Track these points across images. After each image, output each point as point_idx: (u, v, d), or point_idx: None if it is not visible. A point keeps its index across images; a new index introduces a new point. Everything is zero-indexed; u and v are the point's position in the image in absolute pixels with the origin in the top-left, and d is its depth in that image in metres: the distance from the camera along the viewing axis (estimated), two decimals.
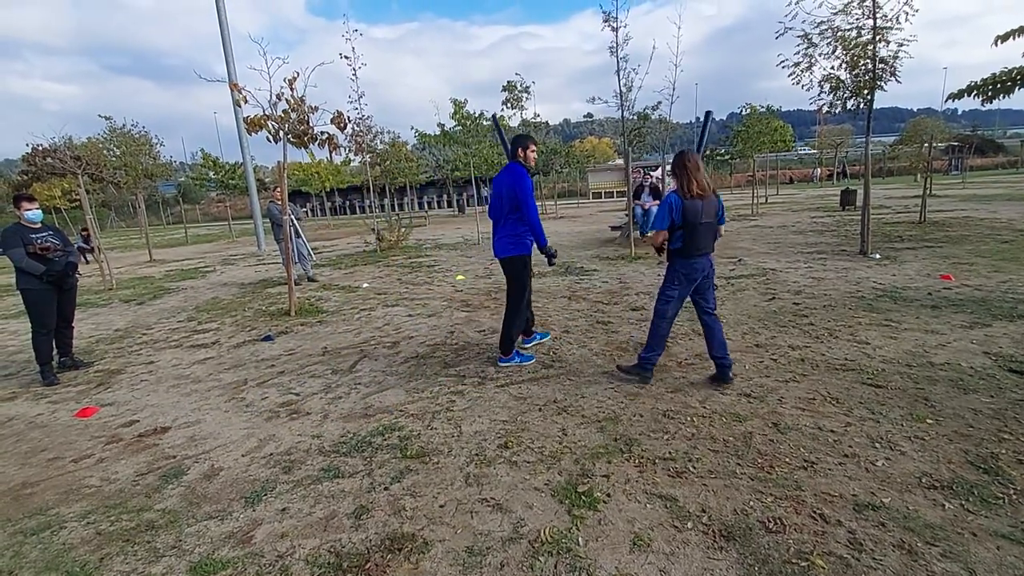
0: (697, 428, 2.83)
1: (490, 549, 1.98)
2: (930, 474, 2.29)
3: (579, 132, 74.77)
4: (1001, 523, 1.96)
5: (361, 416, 3.28)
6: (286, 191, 6.17)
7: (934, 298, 5.16)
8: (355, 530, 2.14)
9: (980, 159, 40.63)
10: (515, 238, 3.91)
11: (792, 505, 2.14)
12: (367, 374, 4.06)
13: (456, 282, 7.94)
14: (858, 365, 3.57)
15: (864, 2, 7.15)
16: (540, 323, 5.21)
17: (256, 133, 5.41)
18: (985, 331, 4.08)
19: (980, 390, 3.07)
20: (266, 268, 11.29)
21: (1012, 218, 11.06)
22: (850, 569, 1.78)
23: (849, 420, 2.82)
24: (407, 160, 23.99)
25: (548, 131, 29.51)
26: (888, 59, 7.28)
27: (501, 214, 3.93)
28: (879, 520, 2.01)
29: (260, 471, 2.69)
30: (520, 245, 3.92)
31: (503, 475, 2.49)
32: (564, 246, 11.79)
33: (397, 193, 33.09)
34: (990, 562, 1.77)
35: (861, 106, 7.77)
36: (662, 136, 12.41)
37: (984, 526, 1.95)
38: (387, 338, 5.04)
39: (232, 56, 13.85)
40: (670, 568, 1.84)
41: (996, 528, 1.93)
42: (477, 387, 3.64)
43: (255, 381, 4.09)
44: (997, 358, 3.52)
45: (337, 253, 13.40)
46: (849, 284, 6.03)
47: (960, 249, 7.82)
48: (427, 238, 15.77)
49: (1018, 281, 5.61)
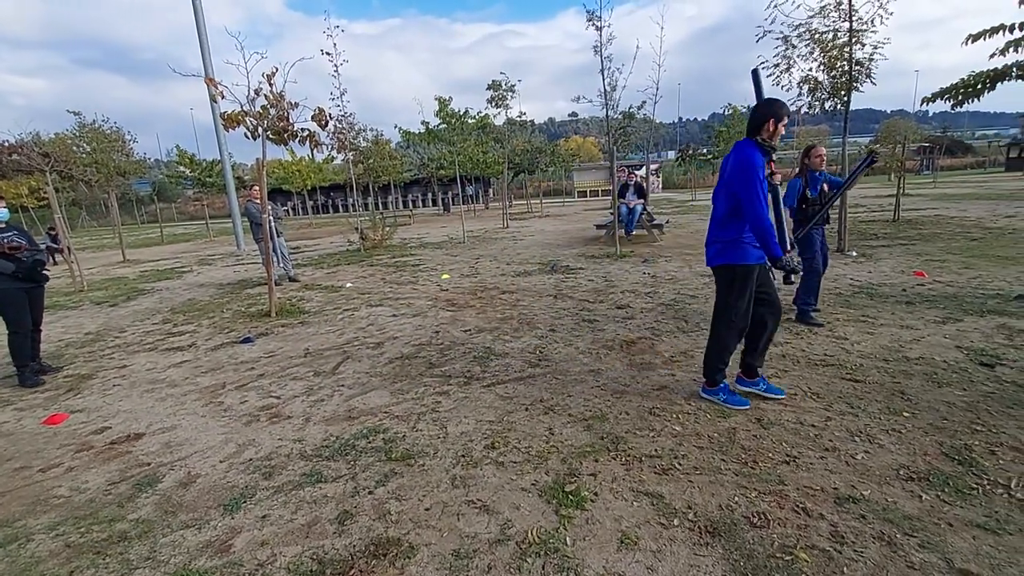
0: (683, 425, 2.85)
1: (477, 552, 1.95)
2: (907, 466, 2.33)
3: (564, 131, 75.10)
4: (976, 513, 2.00)
5: (344, 419, 3.22)
6: (265, 189, 6.04)
7: (908, 294, 5.29)
8: (338, 536, 2.10)
9: (950, 160, 41.95)
10: (728, 243, 2.90)
11: (776, 500, 2.16)
12: (350, 376, 4.00)
13: (441, 281, 7.88)
14: (837, 360, 3.64)
15: (840, 5, 7.31)
16: (526, 321, 5.20)
17: (233, 129, 5.29)
18: (957, 326, 4.20)
19: (953, 383, 3.15)
20: (245, 268, 11.06)
21: (981, 216, 11.42)
22: (832, 562, 1.80)
23: (829, 414, 2.87)
24: (391, 158, 23.77)
25: (533, 130, 29.53)
26: (864, 61, 7.45)
27: (716, 207, 2.99)
28: (860, 513, 2.05)
29: (239, 477, 2.62)
30: (734, 251, 2.90)
31: (490, 476, 2.47)
32: (550, 244, 11.81)
33: (381, 191, 32.79)
34: (966, 551, 1.81)
35: (838, 107, 7.95)
36: (646, 135, 12.51)
37: (960, 516, 1.99)
38: (371, 339, 4.98)
39: (208, 50, 13.53)
40: (657, 566, 1.84)
41: (971, 518, 1.98)
42: (463, 387, 3.61)
43: (234, 384, 3.99)
44: (969, 352, 3.62)
45: (319, 252, 13.19)
46: (827, 281, 6.14)
47: (932, 247, 8.05)
48: (412, 237, 15.64)
49: (987, 277, 5.79)
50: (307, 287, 8.04)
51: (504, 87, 15.37)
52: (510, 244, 12.43)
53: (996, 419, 2.69)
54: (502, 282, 7.52)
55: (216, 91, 5.07)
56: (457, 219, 19.81)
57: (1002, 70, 8.43)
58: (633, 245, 10.36)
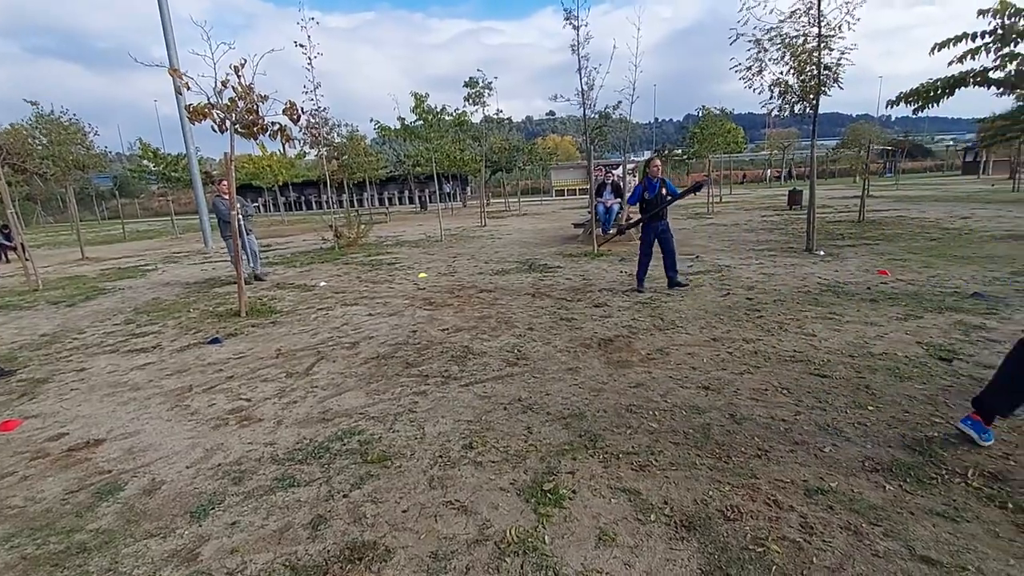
0: (659, 422, 2.89)
1: (455, 553, 1.93)
2: (872, 458, 2.42)
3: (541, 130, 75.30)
4: (935, 502, 2.09)
5: (318, 421, 3.15)
6: (234, 185, 5.86)
7: (872, 292, 5.48)
8: (312, 541, 2.05)
9: (911, 163, 43.75)
10: None
11: (748, 493, 2.20)
12: (324, 376, 3.91)
13: (418, 280, 7.80)
14: (806, 356, 3.74)
15: (810, 10, 7.51)
16: (504, 320, 5.19)
17: (199, 122, 5.10)
18: (917, 322, 4.37)
19: (914, 377, 3.28)
20: (213, 266, 10.73)
21: (940, 217, 11.95)
22: (802, 552, 1.85)
23: (799, 409, 2.95)
24: (366, 155, 23.37)
25: (510, 128, 29.50)
26: (832, 66, 7.68)
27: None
28: (828, 504, 2.11)
29: (207, 483, 2.53)
30: None
31: (468, 476, 2.45)
32: (528, 243, 11.82)
33: (356, 188, 32.23)
34: (927, 539, 1.88)
35: (807, 110, 8.18)
36: (623, 135, 12.65)
37: (921, 505, 2.07)
38: (346, 338, 4.89)
39: (173, 40, 13.03)
40: (635, 561, 1.86)
41: (931, 507, 2.06)
42: (440, 387, 3.58)
43: (201, 387, 3.86)
44: (928, 347, 3.77)
45: (292, 251, 12.90)
46: (797, 280, 6.33)
47: (894, 246, 8.37)
48: (388, 235, 15.44)
49: (945, 276, 6.05)
50: (279, 286, 7.85)
51: (481, 84, 15.30)
52: (488, 242, 12.40)
53: (953, 411, 2.81)
54: (480, 281, 7.49)
55: (182, 82, 4.88)
56: (434, 217, 19.61)
57: (960, 77, 8.84)
58: (610, 244, 10.46)
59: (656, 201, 5.97)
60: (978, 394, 2.56)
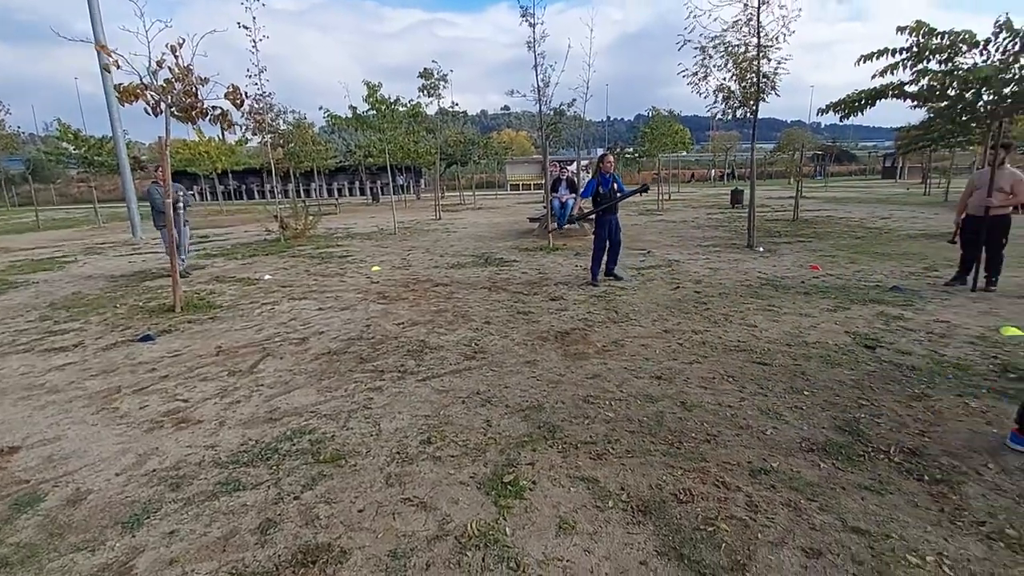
0: (615, 411, 2.96)
1: (415, 550, 1.90)
2: (808, 439, 2.59)
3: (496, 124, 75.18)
4: (863, 477, 2.26)
5: (265, 421, 2.99)
6: (169, 171, 5.45)
7: (806, 286, 5.87)
8: (260, 546, 1.94)
9: (838, 167, 47.06)
10: None
11: (699, 476, 2.30)
12: (271, 374, 3.73)
13: (372, 273, 7.59)
14: (749, 346, 3.95)
15: (750, 21, 7.91)
16: (461, 314, 5.14)
17: (130, 104, 4.68)
18: (845, 313, 4.72)
19: (843, 364, 3.54)
20: (143, 258, 9.98)
21: (863, 217, 12.96)
22: (748, 529, 1.95)
23: (743, 395, 3.11)
24: (314, 143, 22.44)
25: (465, 121, 29.24)
26: (769, 74, 8.14)
27: None
28: (770, 483, 2.24)
29: (140, 491, 2.34)
30: None
31: (427, 472, 2.41)
32: (483, 237, 11.78)
33: (303, 178, 30.91)
34: (857, 511, 2.04)
35: (748, 115, 8.63)
36: (577, 132, 12.83)
37: (851, 480, 2.24)
38: (294, 334, 4.68)
39: (99, 13, 11.95)
40: (594, 547, 1.89)
41: (860, 481, 2.23)
42: (396, 382, 3.50)
43: (131, 388, 3.57)
44: (855, 336, 4.08)
45: (232, 242, 12.21)
46: (739, 274, 6.67)
47: (825, 243, 9.00)
48: (338, 227, 14.92)
49: (868, 271, 6.57)
50: (218, 279, 7.40)
51: (437, 76, 15.05)
52: (443, 236, 12.25)
53: (877, 394, 3.06)
54: (436, 274, 7.38)
55: (111, 60, 4.46)
56: (386, 209, 19.14)
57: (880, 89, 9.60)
58: (565, 238, 10.60)
59: (609, 195, 6.29)
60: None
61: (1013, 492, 2.11)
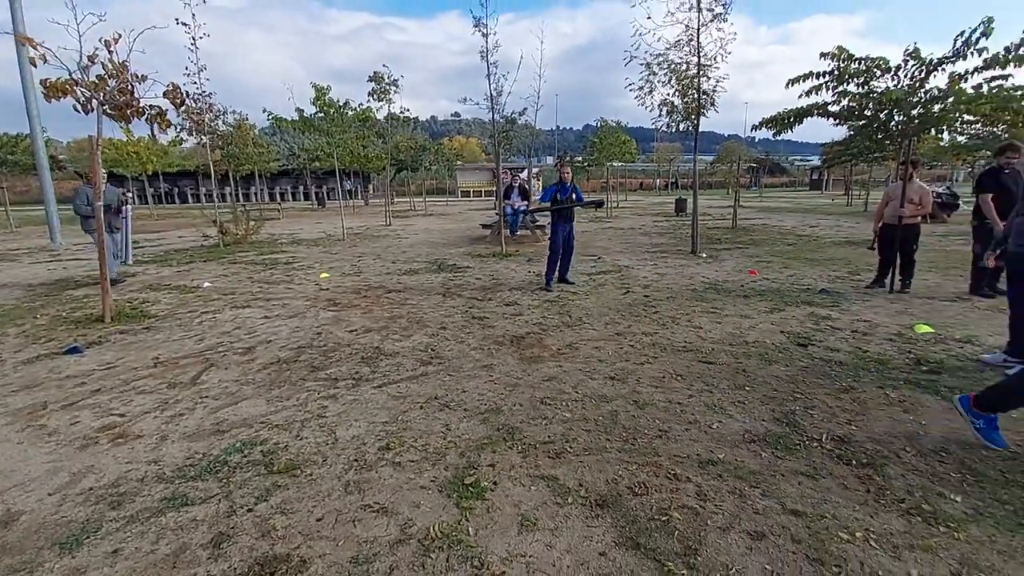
0: (572, 412, 3.04)
1: (377, 555, 1.88)
2: (750, 431, 2.77)
3: (447, 130, 74.91)
4: (799, 464, 2.46)
5: (211, 433, 2.85)
6: (99, 172, 5.07)
7: (745, 289, 6.26)
8: (214, 561, 1.86)
9: (771, 178, 50.40)
10: None
11: (652, 469, 2.42)
12: (216, 385, 3.55)
13: (320, 280, 7.37)
14: (695, 346, 4.17)
15: (691, 41, 8.40)
16: (415, 320, 5.10)
17: (58, 100, 4.32)
18: (780, 315, 5.08)
19: (780, 361, 3.82)
20: (63, 266, 9.20)
21: (794, 226, 13.95)
22: (699, 517, 2.07)
23: (691, 392, 3.29)
24: (255, 145, 21.51)
25: (415, 127, 28.92)
26: (709, 91, 8.66)
27: None
28: (717, 473, 2.38)
29: (77, 511, 2.17)
30: None
31: (387, 478, 2.38)
32: (436, 243, 11.70)
33: (243, 182, 29.49)
34: (795, 495, 2.21)
35: (690, 128, 9.13)
36: (528, 141, 13.03)
37: (789, 467, 2.42)
38: (239, 343, 4.47)
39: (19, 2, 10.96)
40: (555, 542, 1.95)
41: (797, 468, 2.42)
42: (352, 389, 3.43)
43: (59, 403, 3.29)
44: (789, 335, 4.41)
45: (166, 248, 11.47)
46: (685, 279, 7.02)
47: (761, 250, 9.62)
48: (282, 233, 14.36)
49: (800, 275, 7.09)
50: (152, 287, 6.95)
51: (387, 80, 14.85)
52: (394, 242, 12.07)
53: (810, 388, 3.32)
54: (388, 281, 7.27)
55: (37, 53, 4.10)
56: (333, 215, 18.59)
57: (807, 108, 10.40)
58: (518, 245, 10.73)
59: (566, 201, 6.59)
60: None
61: (927, 472, 2.36)
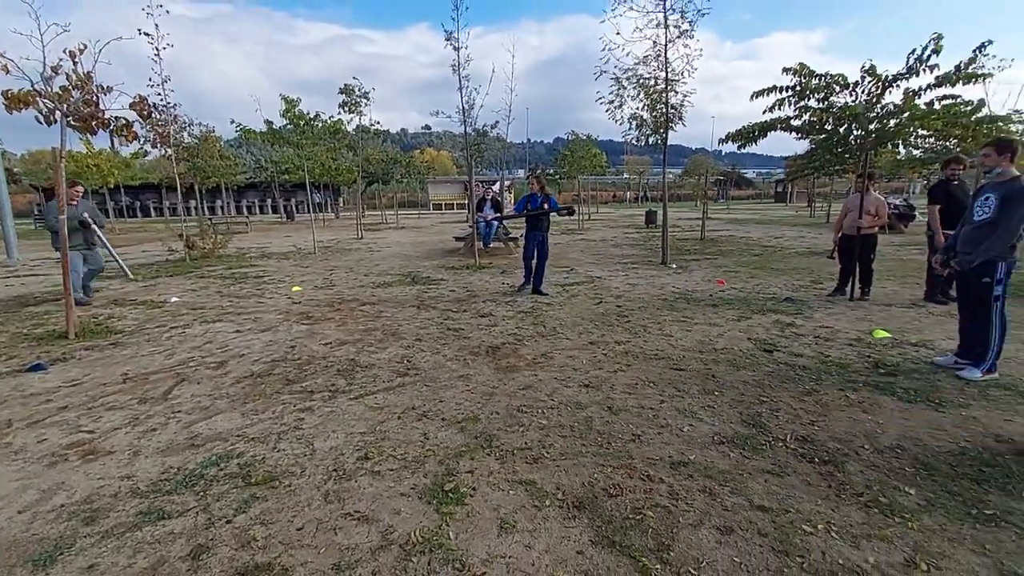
0: (548, 419, 3.12)
1: (359, 561, 1.90)
2: (719, 433, 2.90)
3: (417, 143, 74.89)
4: (766, 463, 2.59)
5: (186, 447, 2.81)
6: (63, 185, 4.92)
7: (713, 299, 6.49)
8: (194, 572, 1.84)
9: (737, 191, 52.17)
10: None
11: (626, 472, 2.51)
12: (188, 400, 3.48)
13: (292, 294, 7.27)
14: (666, 354, 4.32)
15: (659, 57, 8.74)
16: (390, 332, 5.11)
17: (18, 111, 4.20)
18: (747, 322, 5.30)
19: (747, 366, 3.99)
20: (21, 282, 8.82)
21: (760, 237, 14.50)
22: (671, 515, 2.17)
23: (663, 398, 3.41)
24: (221, 157, 21.07)
25: (386, 139, 28.89)
26: (677, 106, 9.00)
27: None
28: (688, 473, 2.49)
29: (49, 528, 2.11)
30: None
31: (366, 487, 2.40)
32: (409, 256, 11.68)
33: (208, 195, 28.75)
34: (761, 492, 2.33)
35: (659, 142, 9.45)
36: (499, 153, 13.22)
37: (756, 466, 2.55)
38: (211, 358, 4.39)
39: None
40: (534, 543, 2.01)
41: (763, 467, 2.55)
42: (328, 401, 3.42)
43: (24, 421, 3.17)
44: (756, 342, 4.61)
45: (130, 262, 11.08)
46: (656, 288, 7.23)
47: (728, 260, 9.97)
48: (251, 246, 14.08)
49: (766, 285, 7.40)
50: (116, 303, 6.73)
51: (358, 92, 14.85)
52: (367, 255, 12.00)
53: (775, 392, 3.49)
54: (362, 294, 7.24)
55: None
56: (303, 228, 18.32)
57: (770, 123, 10.89)
58: (491, 256, 10.82)
59: (536, 211, 6.95)
60: None
61: (884, 467, 2.52)
